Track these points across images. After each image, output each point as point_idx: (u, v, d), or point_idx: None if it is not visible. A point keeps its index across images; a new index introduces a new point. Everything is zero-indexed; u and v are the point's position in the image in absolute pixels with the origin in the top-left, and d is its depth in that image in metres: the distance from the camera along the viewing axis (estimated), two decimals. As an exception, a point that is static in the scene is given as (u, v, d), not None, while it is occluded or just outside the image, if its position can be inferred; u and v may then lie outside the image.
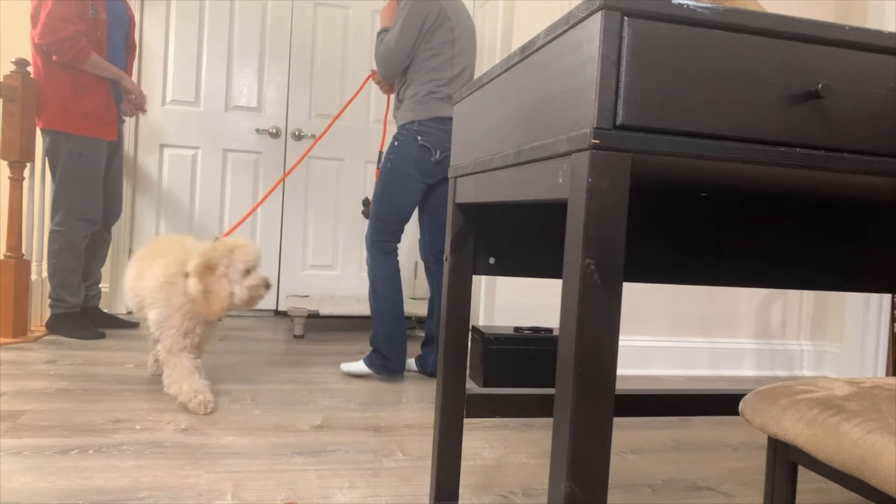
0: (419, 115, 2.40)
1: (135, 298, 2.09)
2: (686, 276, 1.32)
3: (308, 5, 3.69)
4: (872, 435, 0.78)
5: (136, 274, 2.10)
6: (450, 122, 2.42)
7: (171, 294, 1.97)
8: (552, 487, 0.69)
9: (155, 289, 1.99)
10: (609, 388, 0.66)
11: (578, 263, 0.65)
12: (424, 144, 2.40)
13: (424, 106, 2.41)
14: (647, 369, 2.89)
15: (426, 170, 2.44)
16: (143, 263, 2.09)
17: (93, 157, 2.81)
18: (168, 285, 1.98)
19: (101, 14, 2.79)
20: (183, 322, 1.98)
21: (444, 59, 2.41)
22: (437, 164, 2.45)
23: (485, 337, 2.42)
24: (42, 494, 1.35)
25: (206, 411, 1.93)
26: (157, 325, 1.98)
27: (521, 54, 0.86)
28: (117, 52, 2.91)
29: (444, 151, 2.44)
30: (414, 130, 2.41)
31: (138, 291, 2.06)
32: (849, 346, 2.94)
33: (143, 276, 2.06)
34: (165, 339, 1.98)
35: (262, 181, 3.69)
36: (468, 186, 1.10)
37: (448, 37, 2.40)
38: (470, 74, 2.54)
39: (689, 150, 0.67)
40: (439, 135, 2.42)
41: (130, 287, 2.10)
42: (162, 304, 1.98)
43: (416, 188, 2.46)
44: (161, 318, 1.98)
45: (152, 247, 2.14)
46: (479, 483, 1.55)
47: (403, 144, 2.42)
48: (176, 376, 1.95)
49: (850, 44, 0.70)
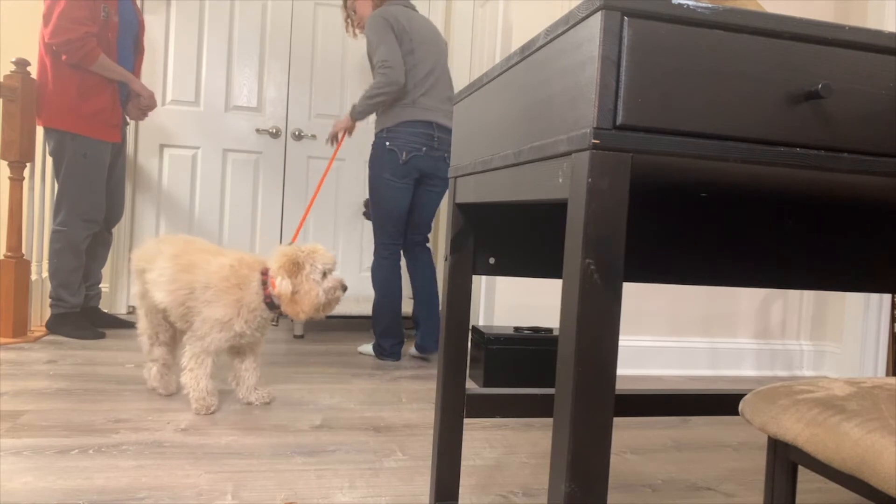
0: (386, 123, 2.69)
1: (179, 290, 1.94)
2: (686, 276, 1.32)
3: (308, 5, 3.69)
4: (872, 435, 0.78)
5: (182, 266, 1.96)
6: (416, 125, 2.68)
7: (235, 296, 1.92)
8: (552, 487, 0.69)
9: (217, 287, 1.91)
10: (609, 388, 0.66)
11: (578, 263, 0.65)
12: (392, 148, 2.67)
13: (390, 114, 2.69)
14: (647, 369, 2.89)
15: (397, 171, 2.69)
16: (191, 256, 1.97)
17: (97, 158, 2.81)
18: (235, 287, 1.93)
19: (113, 16, 2.80)
20: (236, 325, 1.93)
21: (406, 67, 2.66)
22: (405, 164, 2.69)
23: (485, 337, 2.42)
24: (42, 494, 1.35)
25: (208, 412, 1.94)
26: (212, 322, 1.91)
27: (521, 54, 0.86)
28: (126, 55, 2.91)
29: (411, 152, 2.69)
30: (383, 137, 2.70)
31: (188, 283, 1.93)
32: (849, 346, 2.94)
33: (195, 268, 1.94)
34: (209, 338, 1.92)
35: (262, 181, 3.69)
36: (468, 186, 1.10)
37: (407, 47, 2.67)
38: (438, 73, 2.76)
39: (690, 150, 0.67)
40: (405, 137, 2.67)
41: (172, 278, 1.95)
42: (226, 304, 1.91)
43: (396, 188, 2.70)
44: (218, 316, 1.91)
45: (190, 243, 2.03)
46: (479, 483, 1.55)
47: (376, 152, 2.72)
48: (200, 373, 1.93)
49: (850, 44, 0.70)
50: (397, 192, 2.70)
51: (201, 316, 1.92)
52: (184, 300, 1.94)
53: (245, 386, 2.08)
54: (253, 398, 2.07)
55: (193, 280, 1.93)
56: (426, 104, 2.70)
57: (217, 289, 1.91)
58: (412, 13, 2.75)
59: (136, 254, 2.10)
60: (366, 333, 3.44)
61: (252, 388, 2.08)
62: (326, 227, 3.78)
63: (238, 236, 3.67)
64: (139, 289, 2.09)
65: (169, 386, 2.10)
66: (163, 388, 2.08)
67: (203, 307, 1.91)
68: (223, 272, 1.93)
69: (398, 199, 2.71)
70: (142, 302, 2.09)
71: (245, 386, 2.08)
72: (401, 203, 2.72)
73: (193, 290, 1.93)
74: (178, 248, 2.00)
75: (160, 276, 1.97)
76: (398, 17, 2.67)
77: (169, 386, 2.10)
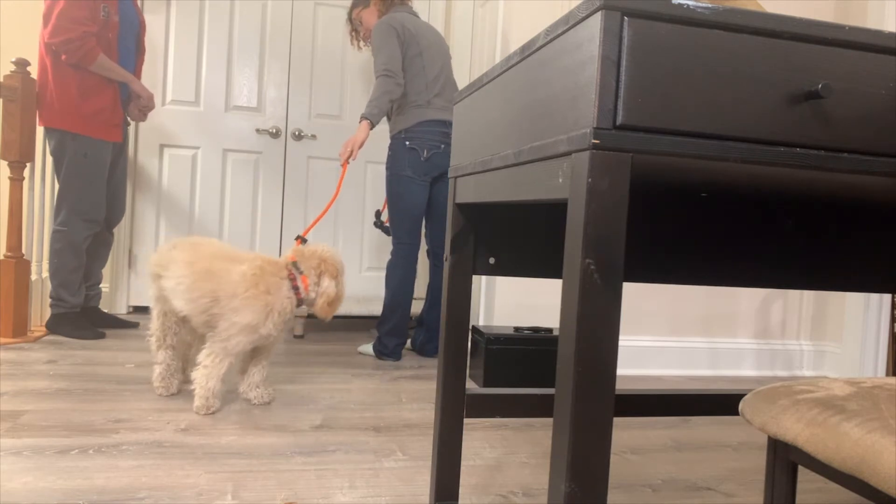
0: (404, 124, 2.75)
1: (201, 299, 1.94)
2: (686, 276, 1.32)
3: (308, 5, 3.69)
4: (872, 435, 0.78)
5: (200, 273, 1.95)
6: (432, 124, 2.75)
7: (263, 301, 1.93)
8: (552, 487, 0.69)
9: (245, 295, 1.92)
10: (609, 388, 0.66)
11: (578, 263, 0.65)
12: (413, 147, 2.73)
13: (407, 116, 2.75)
14: (647, 369, 2.89)
15: (419, 168, 2.74)
16: (207, 263, 1.97)
17: (97, 158, 2.81)
18: (264, 293, 1.94)
19: (113, 16, 2.79)
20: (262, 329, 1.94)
21: (415, 70, 2.74)
22: (427, 162, 2.75)
23: (485, 337, 2.42)
24: (42, 494, 1.35)
25: (208, 412, 1.94)
26: (241, 327, 1.91)
27: (521, 54, 0.86)
28: (127, 55, 2.91)
29: (431, 150, 2.74)
30: (402, 138, 2.74)
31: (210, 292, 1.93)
32: (849, 346, 2.94)
33: (215, 276, 1.95)
34: (234, 340, 1.92)
35: (262, 181, 3.69)
36: (468, 186, 1.10)
37: (415, 51, 2.74)
38: (447, 74, 2.84)
39: (690, 150, 0.67)
40: (425, 136, 2.73)
41: (191, 287, 1.95)
42: (255, 310, 1.92)
43: (416, 186, 2.75)
44: (247, 322, 1.91)
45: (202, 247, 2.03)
46: (479, 483, 1.55)
47: (395, 152, 2.76)
48: (214, 373, 1.93)
49: (850, 44, 0.70)
50: (417, 189, 2.75)
51: (229, 321, 1.93)
52: (207, 308, 1.95)
53: (248, 382, 2.08)
54: (252, 396, 2.07)
55: (217, 289, 1.93)
56: (439, 104, 2.78)
57: (245, 297, 1.92)
58: (416, 19, 2.83)
59: (152, 258, 2.09)
60: (366, 333, 3.44)
61: (255, 385, 2.08)
62: (327, 226, 3.78)
63: (238, 236, 3.67)
64: (155, 292, 2.09)
65: (170, 387, 2.10)
66: (164, 389, 2.09)
67: (230, 314, 1.92)
68: (249, 280, 1.93)
69: (417, 197, 2.75)
70: (156, 304, 2.09)
71: (248, 382, 2.08)
72: (420, 201, 2.76)
73: (218, 300, 1.93)
74: (192, 253, 1.99)
75: (178, 285, 1.96)
76: (405, 24, 2.73)
77: (170, 387, 2.10)
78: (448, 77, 2.84)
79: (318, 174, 3.75)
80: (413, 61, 2.73)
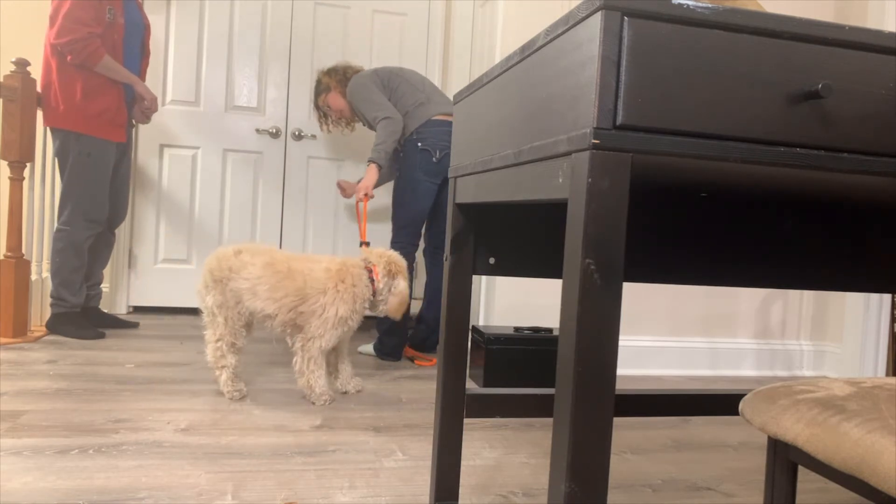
0: (413, 124, 2.75)
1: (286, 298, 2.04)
2: (686, 276, 1.32)
3: (308, 5, 3.69)
4: (872, 435, 0.78)
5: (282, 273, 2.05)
6: (441, 124, 2.75)
7: (351, 293, 2.09)
8: (552, 487, 0.69)
9: (335, 289, 2.06)
10: (609, 388, 0.66)
11: (578, 263, 0.65)
12: (425, 148, 2.71)
13: (415, 116, 2.75)
14: (647, 369, 2.89)
15: (430, 170, 2.72)
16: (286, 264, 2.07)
17: (101, 158, 2.81)
18: (351, 286, 2.09)
19: (119, 18, 2.80)
20: (351, 321, 2.11)
21: (404, 89, 2.81)
22: (439, 163, 2.73)
23: (485, 337, 2.42)
24: (42, 494, 1.35)
25: (322, 402, 2.09)
26: (334, 321, 2.06)
27: (521, 54, 0.86)
28: (132, 57, 2.92)
29: (443, 150, 2.73)
30: (413, 139, 2.73)
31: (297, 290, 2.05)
32: (849, 346, 2.94)
33: (301, 275, 2.06)
34: (327, 335, 2.07)
35: (263, 181, 3.69)
36: (468, 186, 1.10)
37: (396, 81, 2.83)
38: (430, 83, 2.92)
39: (690, 150, 0.67)
40: (436, 137, 2.72)
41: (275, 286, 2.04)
42: (345, 301, 2.07)
43: (425, 189, 2.74)
44: (341, 314, 2.06)
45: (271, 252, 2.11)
46: (479, 483, 1.55)
47: (407, 153, 2.75)
48: (319, 373, 2.10)
49: (850, 44, 0.70)
50: (427, 193, 2.74)
51: (321, 317, 2.06)
52: (294, 305, 2.06)
53: (343, 377, 2.26)
54: (350, 387, 2.25)
55: (304, 287, 2.06)
56: (438, 99, 2.81)
57: (335, 290, 2.07)
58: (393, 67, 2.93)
59: (213, 263, 2.10)
60: (366, 333, 3.44)
61: (349, 376, 2.26)
62: (326, 227, 3.78)
63: (238, 236, 3.67)
64: (217, 298, 2.09)
65: (242, 390, 2.12)
66: (237, 393, 2.10)
67: (321, 310, 2.06)
68: (335, 275, 2.09)
69: (426, 200, 2.75)
70: (221, 310, 2.09)
71: (343, 377, 2.26)
72: (426, 205, 2.76)
73: (306, 298, 2.06)
74: (266, 256, 2.10)
75: (258, 286, 2.05)
76: (375, 70, 2.84)
77: (242, 390, 2.12)
78: (436, 88, 2.89)
79: (318, 174, 3.75)
80: (399, 86, 2.81)
